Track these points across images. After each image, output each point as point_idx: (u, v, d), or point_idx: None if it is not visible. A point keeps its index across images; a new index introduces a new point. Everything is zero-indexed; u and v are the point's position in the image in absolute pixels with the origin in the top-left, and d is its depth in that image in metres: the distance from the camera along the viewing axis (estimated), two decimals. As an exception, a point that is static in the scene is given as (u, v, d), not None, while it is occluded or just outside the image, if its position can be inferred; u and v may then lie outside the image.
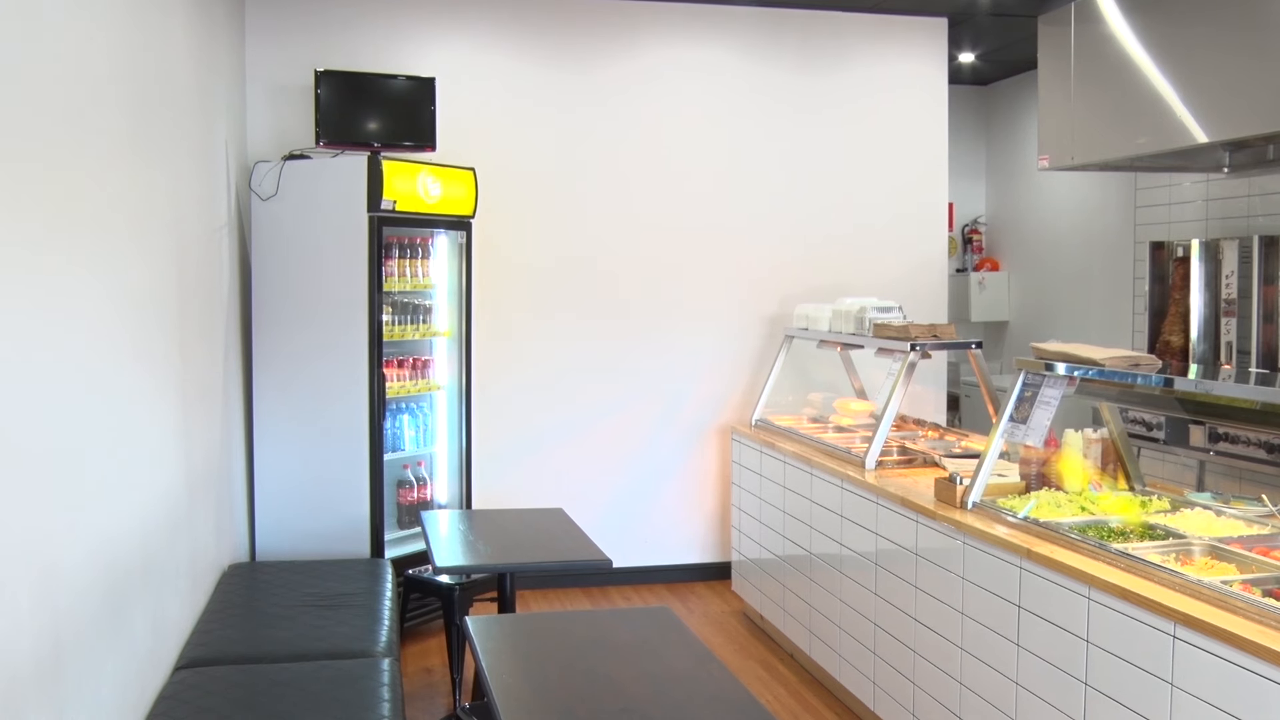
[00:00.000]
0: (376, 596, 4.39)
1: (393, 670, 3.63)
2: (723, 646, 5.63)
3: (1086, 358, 3.68)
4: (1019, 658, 3.45)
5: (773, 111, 6.76)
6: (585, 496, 6.50)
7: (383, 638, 3.95)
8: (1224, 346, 5.59)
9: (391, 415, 5.71)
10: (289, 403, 5.39)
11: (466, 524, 4.76)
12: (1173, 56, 4.98)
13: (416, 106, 5.86)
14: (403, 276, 5.71)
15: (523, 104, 6.43)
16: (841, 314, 5.64)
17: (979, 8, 6.62)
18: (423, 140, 5.82)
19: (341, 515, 5.38)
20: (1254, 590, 2.79)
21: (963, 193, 8.77)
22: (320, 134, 5.61)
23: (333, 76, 5.68)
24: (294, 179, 5.38)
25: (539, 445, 6.52)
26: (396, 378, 5.71)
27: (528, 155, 6.44)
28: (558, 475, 6.52)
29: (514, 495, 6.33)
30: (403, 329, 5.71)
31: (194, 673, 3.56)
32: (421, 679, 5.15)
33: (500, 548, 4.35)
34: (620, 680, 3.00)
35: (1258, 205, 5.93)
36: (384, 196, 5.32)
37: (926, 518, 3.99)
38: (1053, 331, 7.72)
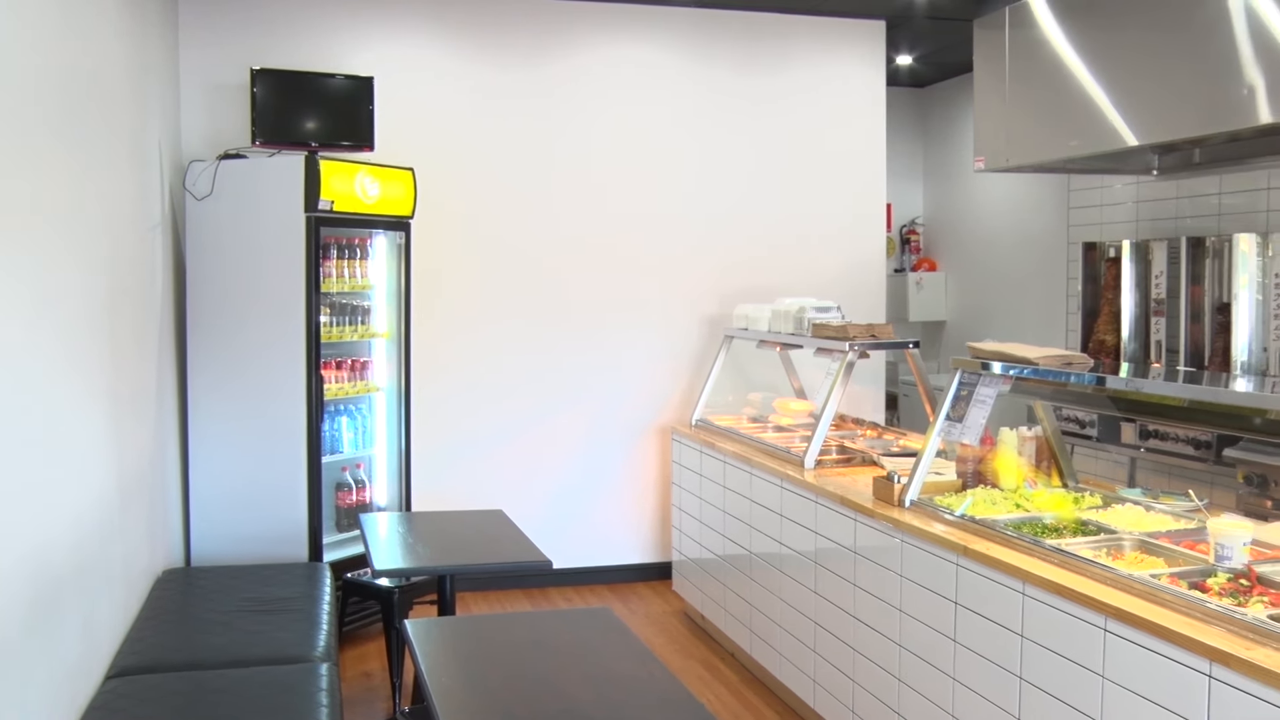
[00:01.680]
0: (314, 601, 4.35)
1: (331, 675, 3.59)
2: (664, 647, 5.64)
3: (1021, 357, 3.73)
4: (956, 654, 3.49)
5: (714, 112, 6.79)
6: (526, 497, 6.48)
7: (321, 642, 3.90)
8: (1154, 345, 5.69)
9: (330, 417, 5.65)
10: (225, 405, 5.32)
11: (406, 526, 4.73)
12: (1104, 61, 5.07)
13: (355, 106, 5.81)
14: (341, 277, 5.65)
15: (463, 104, 6.40)
16: (781, 314, 5.68)
17: (916, 11, 6.69)
18: (361, 140, 5.77)
19: (279, 519, 5.32)
20: (1181, 583, 2.85)
21: (901, 194, 8.86)
22: (256, 133, 5.54)
23: (269, 75, 5.61)
24: (230, 179, 5.31)
25: (479, 446, 6.49)
26: (335, 379, 5.66)
27: (468, 155, 6.41)
28: (498, 476, 6.50)
29: (454, 497, 6.30)
30: (341, 330, 5.66)
31: (126, 681, 3.50)
32: (361, 683, 5.11)
33: (440, 550, 4.33)
34: (561, 682, 2.99)
35: (1186, 207, 6.05)
36: (321, 197, 5.27)
37: (865, 516, 4.03)
38: (989, 331, 7.82)
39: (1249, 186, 5.62)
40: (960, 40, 6.47)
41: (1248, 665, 2.39)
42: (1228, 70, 4.34)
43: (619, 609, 6.24)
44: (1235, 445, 4.86)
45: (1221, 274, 5.28)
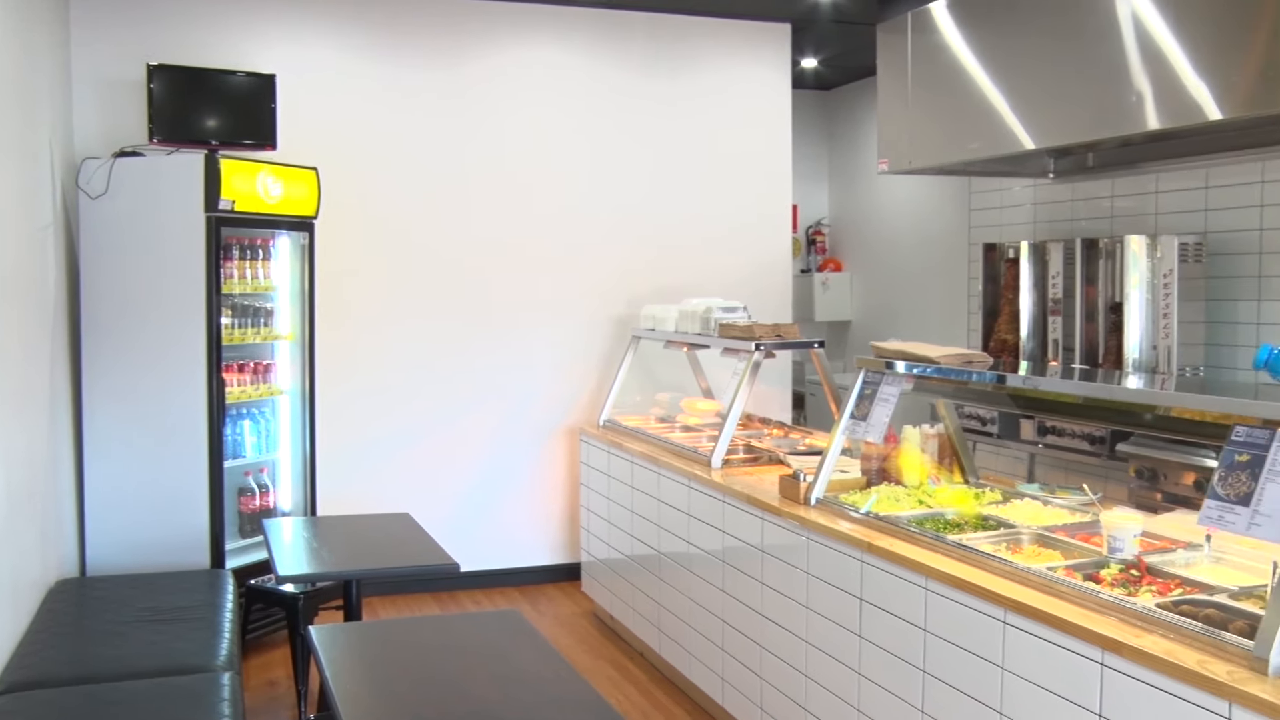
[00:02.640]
0: (216, 608, 4.26)
1: (233, 684, 3.52)
2: (573, 648, 5.63)
3: (923, 356, 3.80)
4: (861, 649, 3.54)
5: (622, 113, 6.80)
6: (434, 500, 6.42)
7: (222, 651, 3.82)
8: (1051, 344, 5.83)
9: (232, 421, 5.54)
10: (122, 410, 5.19)
11: (311, 531, 4.66)
12: (1002, 67, 5.18)
13: (256, 104, 5.71)
14: (243, 278, 5.55)
15: (371, 104, 6.32)
16: (688, 314, 5.70)
17: (820, 14, 6.77)
18: (263, 139, 5.67)
19: (179, 525, 5.20)
20: (1076, 575, 2.93)
21: (806, 195, 8.96)
22: (154, 131, 5.41)
23: (167, 71, 5.48)
24: (126, 177, 5.17)
25: (386, 448, 6.41)
26: (237, 382, 5.54)
27: (375, 155, 6.34)
28: (406, 479, 6.43)
29: (360, 500, 6.21)
30: (243, 332, 5.55)
31: (14, 698, 3.38)
32: (265, 692, 5.01)
33: (345, 554, 4.27)
34: (468, 685, 2.97)
35: (1080, 209, 6.21)
36: (222, 196, 5.16)
37: (772, 515, 4.06)
38: (893, 330, 7.95)
39: (1139, 190, 5.79)
40: (864, 44, 6.57)
41: (1137, 652, 2.46)
42: (1118, 78, 4.46)
43: (528, 611, 6.22)
44: (1127, 440, 5.00)
45: (1114, 274, 5.43)
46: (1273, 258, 5.10)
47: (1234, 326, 5.27)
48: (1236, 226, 5.26)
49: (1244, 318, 5.23)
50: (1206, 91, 4.11)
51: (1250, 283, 5.21)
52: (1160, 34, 4.28)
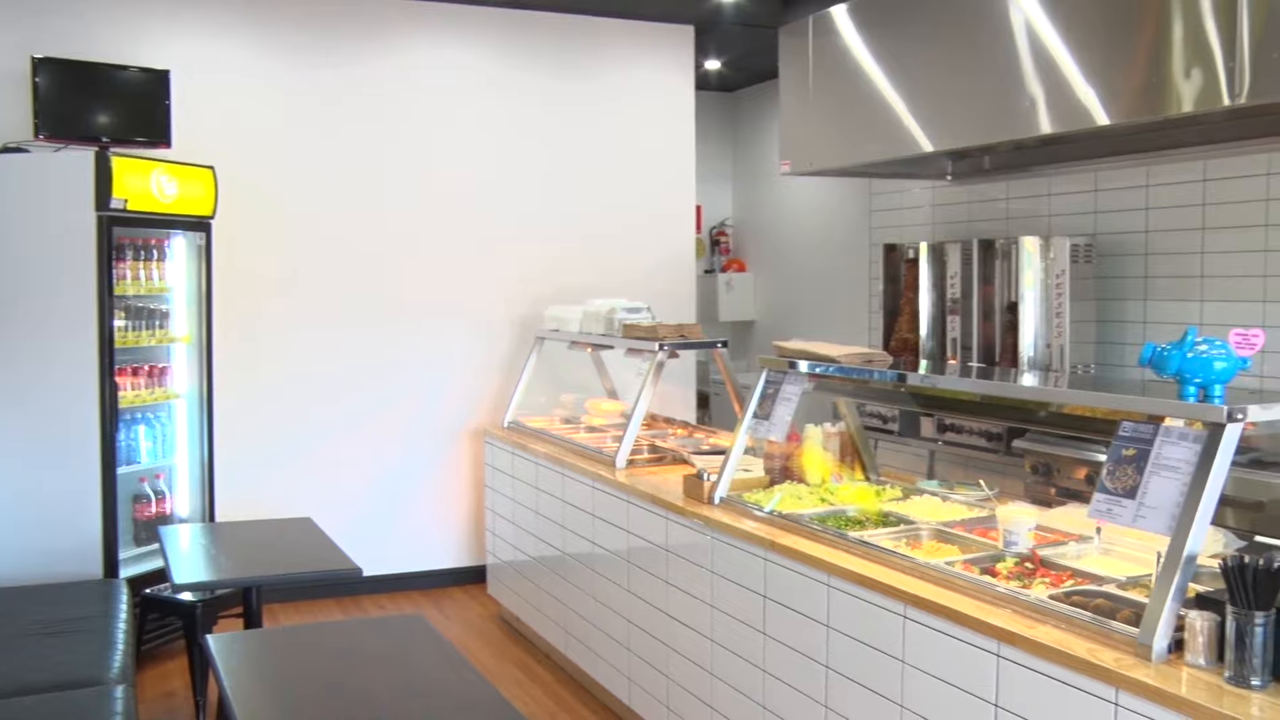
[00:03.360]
0: (110, 619, 4.14)
1: (127, 697, 3.43)
2: (479, 651, 5.59)
3: (824, 355, 3.84)
4: (766, 646, 3.57)
5: (527, 114, 6.77)
6: (337, 504, 6.33)
7: (116, 663, 3.72)
8: (950, 343, 5.94)
9: (126, 426, 5.40)
10: (9, 415, 5.02)
11: (209, 537, 4.56)
12: (901, 71, 5.27)
13: (150, 100, 5.57)
14: (137, 279, 5.41)
15: (270, 101, 6.20)
16: (591, 315, 5.70)
17: (723, 17, 6.81)
18: (157, 136, 5.53)
19: (71, 534, 5.05)
20: (973, 569, 2.99)
21: (710, 196, 9.02)
22: (40, 126, 5.24)
23: (53, 64, 5.32)
24: (10, 174, 5.01)
25: (287, 452, 6.30)
26: (131, 386, 5.40)
27: (275, 154, 6.22)
28: (308, 483, 6.33)
29: (262, 506, 6.09)
30: (138, 335, 5.41)
31: (-104, 713, 3.26)
32: (162, 704, 4.89)
33: (245, 561, 4.19)
34: (371, 691, 2.93)
35: (977, 211, 6.35)
36: (114, 195, 5.03)
37: (676, 514, 4.08)
38: (796, 330, 8.03)
39: (1033, 192, 5.94)
40: (766, 47, 6.63)
41: (1030, 643, 2.52)
42: (1012, 83, 4.57)
43: (433, 614, 6.16)
44: (1023, 437, 5.12)
45: (1009, 275, 5.55)
46: (1158, 259, 5.27)
47: (1122, 325, 5.43)
48: (1124, 228, 5.42)
49: (1132, 316, 5.39)
50: (1095, 97, 4.23)
51: (1137, 283, 5.37)
52: (1051, 42, 4.40)
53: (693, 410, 7.28)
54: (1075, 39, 4.32)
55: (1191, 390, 2.57)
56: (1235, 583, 2.19)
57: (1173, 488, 2.50)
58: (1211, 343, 2.58)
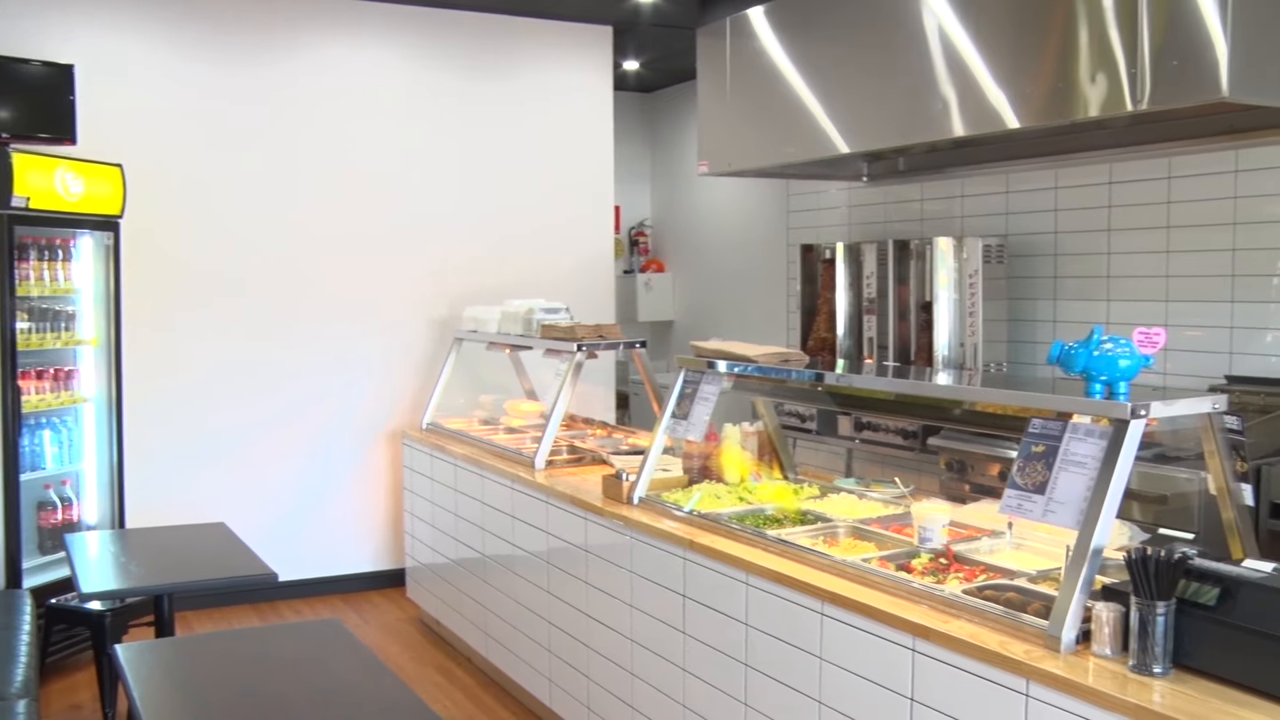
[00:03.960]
0: (11, 631, 4.02)
1: (29, 712, 3.33)
2: (399, 655, 5.54)
3: (741, 355, 3.87)
4: (686, 645, 3.58)
5: (445, 113, 6.72)
6: (252, 508, 6.22)
7: (18, 677, 3.61)
8: (867, 342, 6.02)
9: (29, 431, 5.25)
10: (-95, 421, 4.86)
11: (119, 544, 4.45)
12: (818, 73, 5.31)
13: (53, 95, 5.41)
14: (41, 280, 5.27)
15: (182, 98, 6.08)
16: (510, 315, 5.68)
17: (641, 17, 6.83)
18: (61, 132, 5.38)
19: (-28, 543, 4.90)
20: (889, 565, 3.03)
21: (629, 196, 9.03)
22: (-63, 122, 5.09)
23: (-49, 60, 5.16)
24: (-94, 172, 4.85)
25: (201, 456, 6.18)
26: (35, 390, 5.26)
27: (186, 152, 6.10)
28: (222, 487, 6.21)
29: (174, 511, 5.96)
30: (42, 337, 5.27)
31: None
32: (69, 717, 4.77)
33: (155, 568, 4.10)
34: (287, 698, 2.89)
35: (893, 212, 6.44)
36: (14, 193, 4.89)
37: (595, 515, 4.08)
38: (715, 330, 8.08)
39: (946, 194, 6.04)
40: (685, 48, 6.65)
41: (944, 637, 2.56)
42: (925, 86, 4.63)
43: (352, 619, 6.09)
44: (938, 434, 5.20)
45: (924, 274, 5.64)
46: (1066, 259, 5.39)
47: (1033, 324, 5.54)
48: (1034, 229, 5.53)
49: (1042, 315, 5.51)
50: (1005, 101, 4.30)
51: (1047, 282, 5.48)
52: (963, 46, 4.47)
53: (612, 411, 7.29)
54: (986, 44, 4.39)
55: (1097, 388, 2.63)
56: (1138, 574, 2.24)
57: (1080, 483, 2.55)
58: (1116, 341, 2.64)
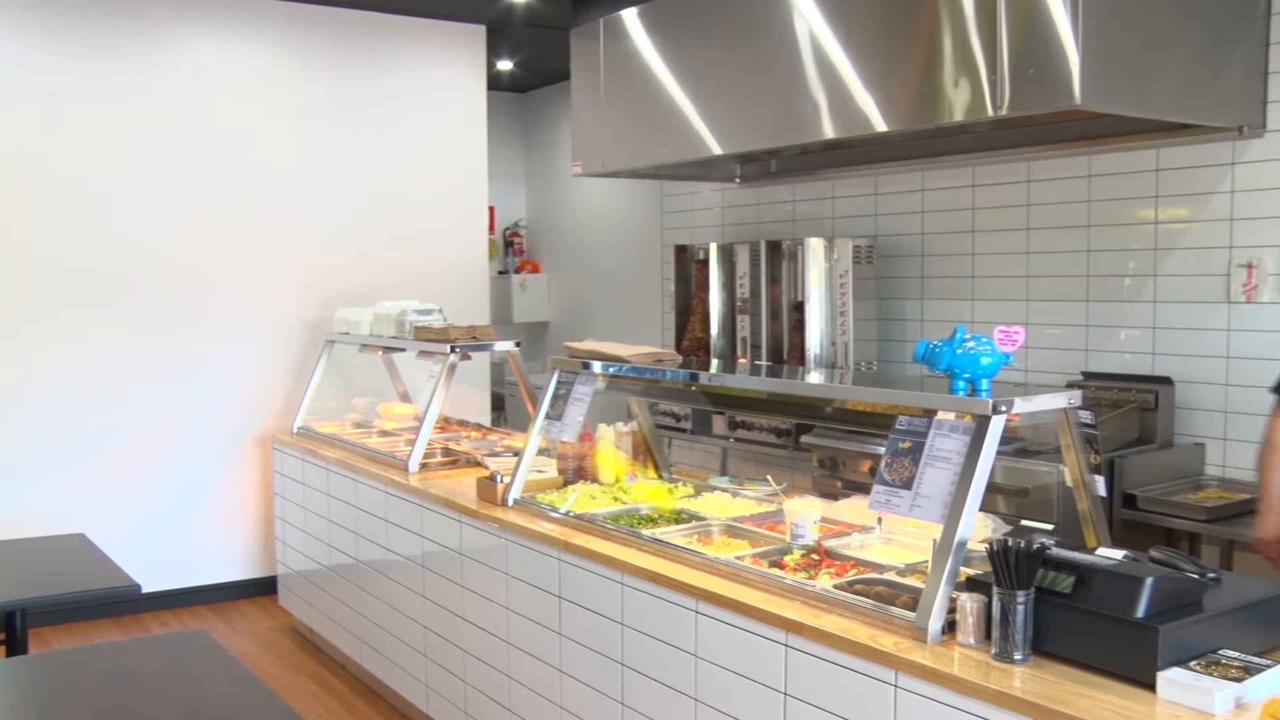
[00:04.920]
0: None
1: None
2: (270, 665, 5.41)
3: (614, 355, 3.88)
4: (562, 646, 3.58)
5: (314, 111, 6.58)
6: (113, 518, 6.01)
7: None
8: (740, 342, 6.09)
9: None
10: None
11: (-33, 558, 4.25)
12: (691, 75, 5.36)
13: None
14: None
15: (39, 93, 5.84)
16: (382, 317, 5.60)
17: (515, 17, 6.79)
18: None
19: None
20: (762, 562, 3.07)
21: (503, 196, 8.98)
22: None
23: None
24: None
25: (58, 465, 5.95)
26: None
27: (44, 149, 5.86)
28: (81, 497, 5.98)
29: (28, 523, 5.71)
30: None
31: None
32: (-84, 738, 4.55)
33: (8, 582, 3.93)
34: (149, 713, 2.79)
35: (765, 213, 6.52)
36: None
37: (470, 517, 4.04)
38: (591, 331, 8.08)
39: (817, 195, 6.14)
40: (558, 48, 6.64)
41: (816, 632, 2.61)
42: (796, 89, 4.71)
43: (221, 629, 5.93)
44: (811, 432, 5.28)
45: (796, 275, 5.72)
46: (933, 260, 5.53)
47: (902, 323, 5.68)
48: (902, 231, 5.66)
49: (910, 315, 5.65)
50: (873, 105, 4.40)
51: (914, 282, 5.62)
52: (833, 50, 4.55)
53: (487, 412, 7.24)
54: (855, 49, 4.48)
55: (960, 385, 2.70)
56: (999, 565, 2.31)
57: (945, 477, 2.62)
58: (978, 339, 2.72)
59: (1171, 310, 4.58)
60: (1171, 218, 4.61)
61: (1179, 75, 4.10)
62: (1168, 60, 4.05)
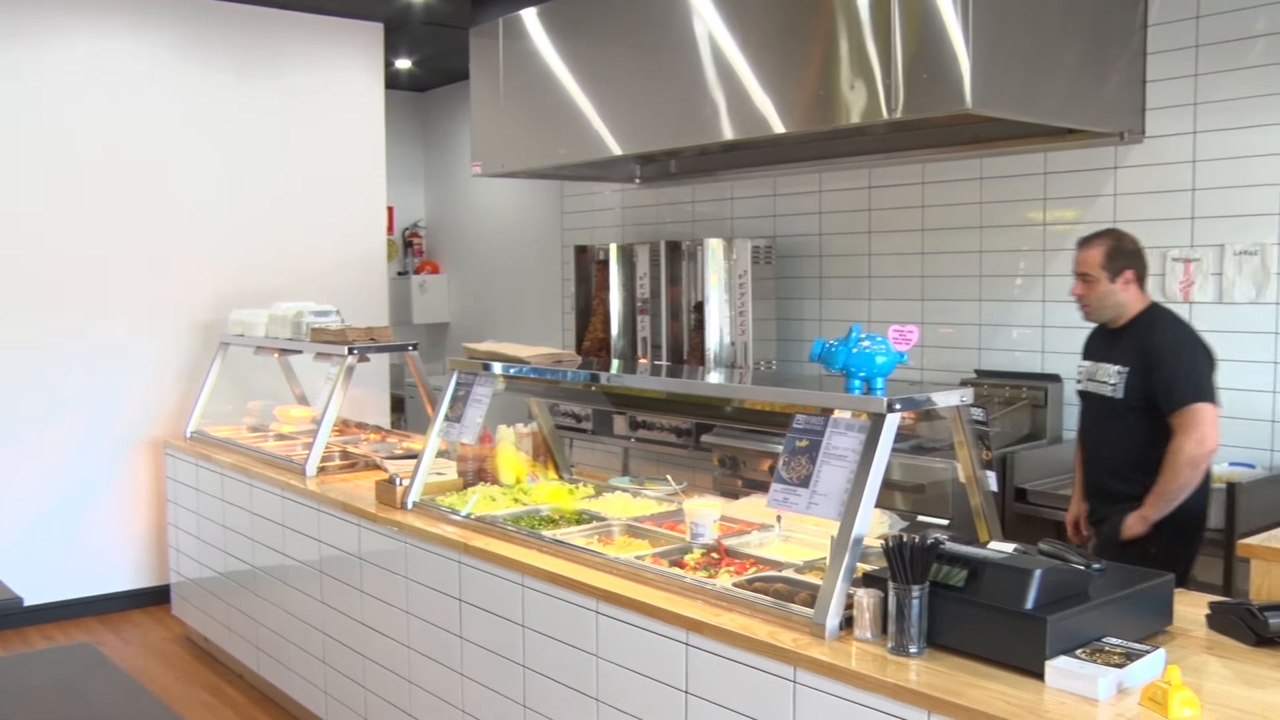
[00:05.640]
0: None
1: None
2: (163, 676, 5.28)
3: (513, 356, 3.86)
4: (463, 649, 3.55)
5: (206, 109, 6.42)
6: (-5, 528, 5.81)
7: None
8: (641, 342, 6.11)
9: None
10: None
11: None
12: (591, 76, 5.36)
13: None
14: None
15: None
16: (278, 319, 5.50)
17: (413, 15, 6.72)
18: None
19: None
20: (662, 562, 3.08)
21: (402, 197, 8.88)
22: None
23: None
24: None
25: (-65, 474, 5.73)
26: None
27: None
28: (-40, 507, 5.77)
29: (-96, 533, 5.52)
30: None
31: None
32: None
33: (-120, 596, 3.77)
34: (32, 729, 2.70)
35: (665, 213, 6.55)
36: None
37: (368, 521, 3.99)
38: (492, 332, 8.03)
39: (717, 196, 6.19)
40: (458, 47, 6.58)
41: (716, 630, 2.62)
42: (696, 90, 4.74)
43: (111, 642, 5.76)
44: (711, 432, 5.32)
45: (696, 275, 5.76)
46: (831, 260, 5.61)
47: (801, 323, 5.75)
48: (800, 231, 5.73)
49: (809, 314, 5.72)
50: (771, 107, 4.45)
51: (813, 282, 5.69)
52: (731, 52, 4.59)
53: (387, 414, 7.15)
54: (753, 51, 4.53)
55: (856, 384, 2.74)
56: (895, 560, 2.35)
57: (841, 475, 2.66)
58: (873, 339, 2.76)
59: (1060, 309, 4.71)
60: (1059, 219, 4.74)
61: (1065, 82, 4.22)
62: (1054, 68, 4.17)
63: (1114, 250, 3.62)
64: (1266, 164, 4.13)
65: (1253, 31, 4.14)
